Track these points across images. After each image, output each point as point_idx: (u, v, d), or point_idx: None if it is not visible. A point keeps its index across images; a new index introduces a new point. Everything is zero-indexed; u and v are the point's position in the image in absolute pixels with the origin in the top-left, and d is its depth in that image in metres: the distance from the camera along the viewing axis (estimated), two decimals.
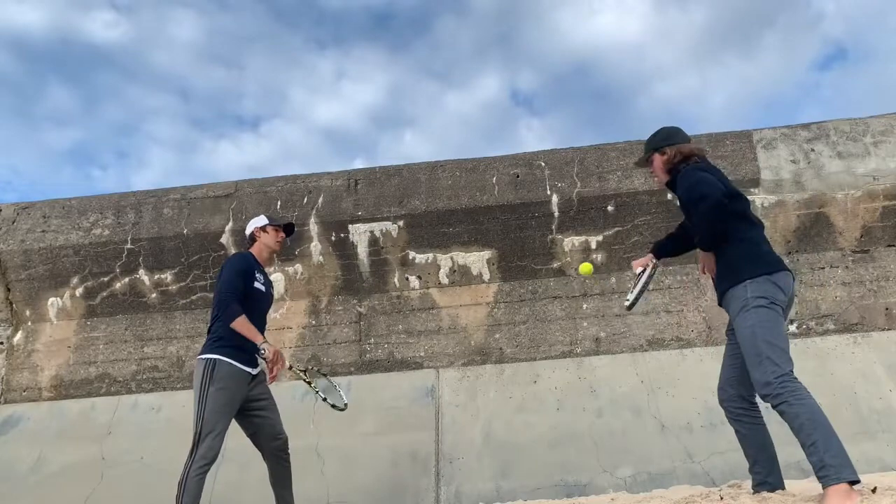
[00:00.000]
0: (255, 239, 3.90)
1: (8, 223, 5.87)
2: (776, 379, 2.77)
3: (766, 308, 2.90)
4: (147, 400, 5.38)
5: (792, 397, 2.74)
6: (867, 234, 5.23)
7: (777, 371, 2.78)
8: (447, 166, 5.66)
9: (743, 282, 2.97)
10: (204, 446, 3.37)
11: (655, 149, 3.31)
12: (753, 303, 2.90)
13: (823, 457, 2.62)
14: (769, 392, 2.78)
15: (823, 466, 2.61)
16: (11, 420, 5.40)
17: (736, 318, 2.97)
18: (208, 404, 3.41)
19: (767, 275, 2.97)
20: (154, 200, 5.83)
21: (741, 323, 2.92)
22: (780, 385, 2.76)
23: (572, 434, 4.71)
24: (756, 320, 2.87)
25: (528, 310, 5.38)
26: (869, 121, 5.42)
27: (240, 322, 3.48)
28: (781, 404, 2.75)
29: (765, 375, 2.79)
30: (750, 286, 2.94)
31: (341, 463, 4.74)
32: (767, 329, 2.87)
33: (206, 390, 3.43)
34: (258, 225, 3.91)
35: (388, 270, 5.54)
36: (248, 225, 3.96)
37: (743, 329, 2.91)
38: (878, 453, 4.30)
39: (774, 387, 2.76)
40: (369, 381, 5.26)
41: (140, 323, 5.67)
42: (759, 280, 2.96)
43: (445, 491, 4.53)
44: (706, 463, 4.35)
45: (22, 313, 5.80)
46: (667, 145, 3.27)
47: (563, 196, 5.41)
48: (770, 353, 2.81)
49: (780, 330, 2.91)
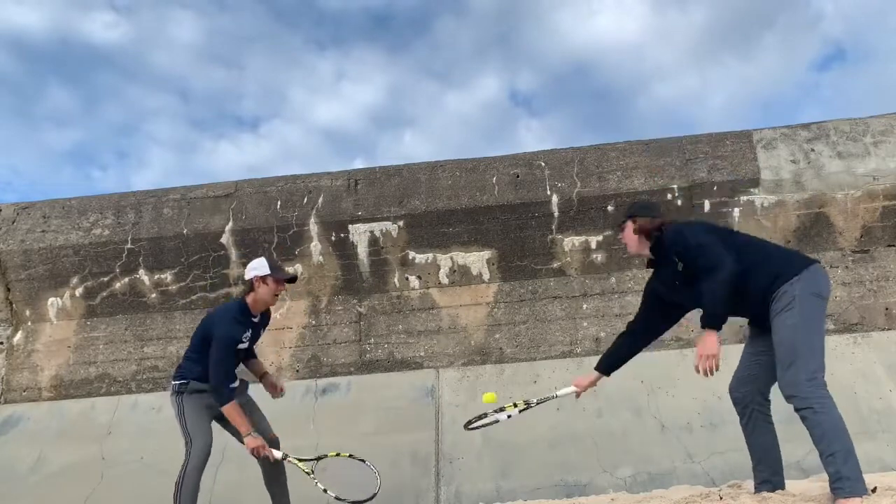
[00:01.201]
0: (252, 287, 3.67)
1: (8, 223, 5.87)
2: (807, 382, 2.74)
3: (814, 304, 2.83)
4: (147, 400, 5.38)
5: (818, 404, 2.71)
6: (867, 234, 5.23)
7: (808, 375, 2.74)
8: (447, 166, 5.66)
9: (789, 280, 2.86)
10: (196, 446, 3.49)
11: (629, 216, 3.26)
12: (801, 300, 2.80)
13: (841, 469, 2.62)
14: (796, 394, 2.74)
15: (840, 479, 2.61)
16: (11, 420, 5.40)
17: (777, 316, 2.86)
18: (186, 410, 3.57)
19: (807, 269, 2.90)
20: (154, 200, 5.83)
21: (784, 320, 2.83)
22: (810, 390, 2.73)
23: (572, 434, 4.71)
24: (800, 319, 2.80)
25: (528, 310, 5.38)
26: (869, 121, 5.42)
27: (229, 409, 3.52)
28: (807, 409, 2.72)
29: (796, 377, 2.75)
30: (797, 284, 2.84)
31: None
32: (809, 329, 2.80)
33: (181, 402, 3.59)
34: (259, 274, 3.65)
35: (388, 270, 5.54)
36: (249, 269, 3.71)
37: (784, 327, 2.83)
38: (878, 453, 4.30)
39: (803, 390, 2.73)
40: (369, 380, 5.26)
41: (140, 323, 5.67)
42: (805, 275, 2.87)
43: (445, 491, 4.53)
44: (706, 463, 4.35)
45: (22, 313, 5.80)
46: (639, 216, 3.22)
47: (563, 196, 5.41)
48: (806, 355, 2.77)
49: (822, 328, 2.85)
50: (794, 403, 2.77)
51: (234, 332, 3.58)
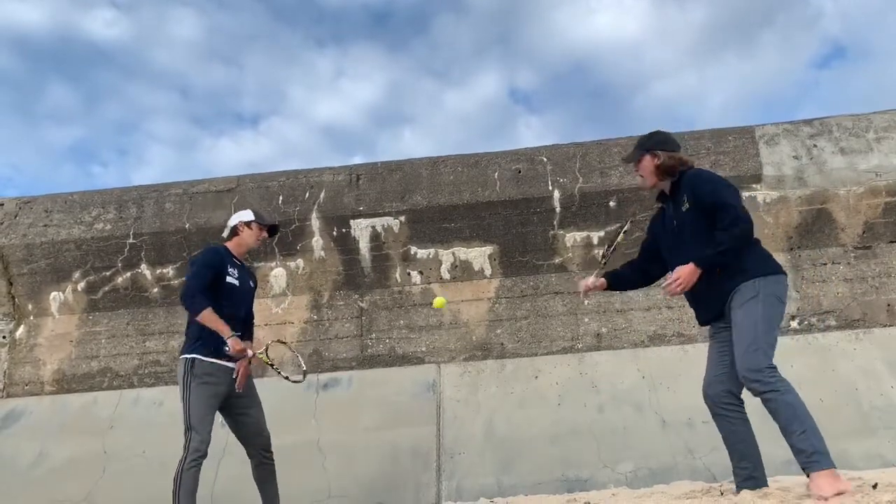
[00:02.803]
0: (236, 233, 3.84)
1: (10, 217, 5.88)
2: (767, 368, 2.81)
3: (775, 306, 2.92)
4: (149, 394, 5.39)
5: (782, 387, 2.79)
6: (869, 230, 5.22)
7: (768, 362, 2.82)
8: (449, 162, 5.66)
9: (755, 278, 2.95)
10: (195, 440, 3.44)
11: (647, 150, 3.26)
12: (765, 298, 2.90)
13: (814, 443, 2.68)
14: (759, 379, 2.80)
15: (815, 452, 2.67)
16: (13, 414, 5.41)
17: (740, 307, 2.93)
18: (192, 399, 3.49)
19: (777, 274, 2.99)
20: (156, 195, 5.83)
21: (747, 311, 2.90)
22: (771, 375, 2.80)
23: (573, 429, 4.71)
24: (763, 313, 2.88)
25: (529, 305, 5.38)
26: (872, 117, 5.40)
27: (206, 315, 3.50)
28: (771, 392, 2.78)
29: (756, 363, 2.81)
30: (762, 282, 2.93)
31: (342, 458, 4.75)
32: (770, 325, 2.89)
33: (189, 386, 3.51)
34: (243, 219, 3.85)
35: (390, 265, 5.54)
36: (233, 217, 3.92)
37: (746, 317, 2.89)
38: (879, 450, 4.30)
39: (765, 375, 2.80)
40: (371, 376, 5.27)
41: (142, 317, 5.68)
42: (772, 278, 2.96)
43: (447, 486, 4.53)
44: (707, 458, 4.35)
45: (24, 307, 5.80)
46: (661, 150, 3.22)
47: (564, 191, 5.40)
48: (766, 345, 2.85)
49: (777, 331, 2.95)
50: (756, 387, 2.82)
51: (216, 257, 3.68)
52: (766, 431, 3.73)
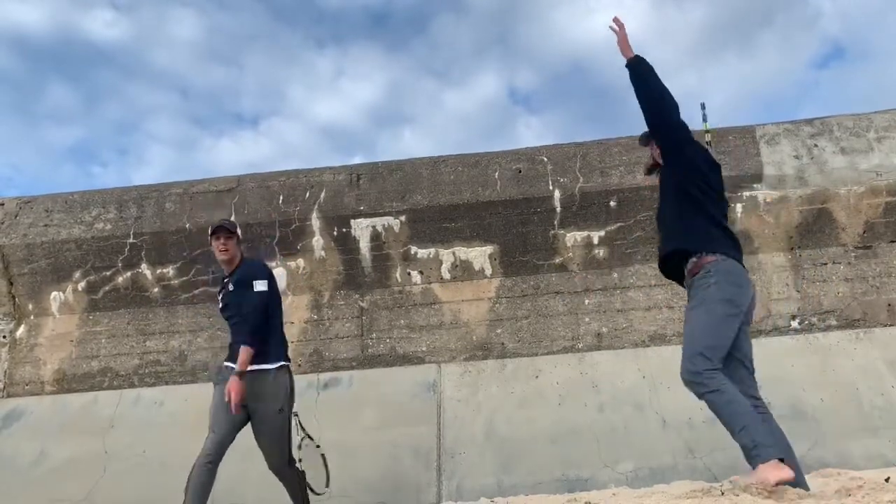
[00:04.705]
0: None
1: (10, 217, 5.88)
2: (706, 371, 2.87)
3: (727, 310, 2.96)
4: (149, 394, 5.39)
5: (722, 387, 2.84)
6: (870, 229, 5.22)
7: (709, 364, 2.87)
8: (449, 161, 5.66)
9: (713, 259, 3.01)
10: (207, 442, 3.54)
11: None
12: (716, 301, 2.95)
13: (755, 437, 2.74)
14: (698, 381, 2.86)
15: (757, 445, 2.72)
16: (14, 414, 5.41)
17: (695, 304, 3.02)
18: (213, 402, 3.66)
19: (735, 259, 3.05)
20: (156, 195, 5.83)
21: (698, 310, 2.98)
22: (709, 377, 2.86)
23: (574, 429, 4.71)
24: (712, 317, 2.94)
25: (529, 305, 5.38)
26: (872, 116, 5.40)
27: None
28: (710, 393, 2.84)
29: (695, 365, 2.87)
30: (718, 279, 2.97)
31: (343, 457, 4.74)
32: (718, 326, 2.94)
33: (214, 389, 3.70)
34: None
35: (390, 265, 5.54)
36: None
37: (696, 315, 2.98)
38: (879, 449, 4.30)
39: (704, 377, 2.86)
40: (371, 375, 5.27)
41: (142, 317, 5.68)
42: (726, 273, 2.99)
43: (447, 485, 4.53)
44: (707, 458, 4.35)
45: (24, 307, 5.80)
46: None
47: (565, 191, 5.40)
48: (710, 346, 2.90)
49: (730, 334, 2.96)
50: (696, 389, 2.88)
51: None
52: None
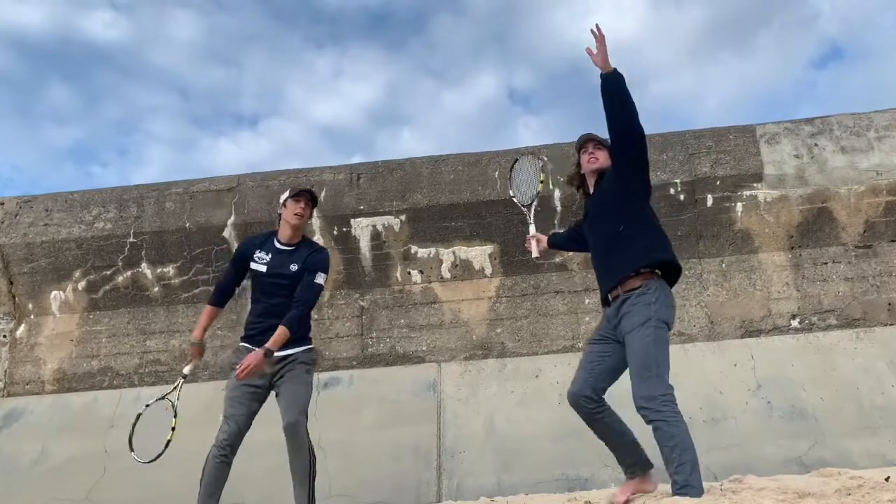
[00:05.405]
0: (280, 216, 3.86)
1: (10, 217, 5.88)
2: (661, 396, 2.93)
3: (664, 331, 3.06)
4: (150, 393, 5.37)
5: (672, 419, 2.91)
6: (870, 229, 5.22)
7: (664, 389, 2.94)
8: (449, 160, 5.66)
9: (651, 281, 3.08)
10: (220, 430, 3.48)
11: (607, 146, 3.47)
12: (656, 323, 3.02)
13: (689, 479, 2.86)
14: (652, 407, 2.92)
15: (687, 485, 2.85)
16: (14, 413, 5.41)
17: (633, 330, 3.05)
18: (226, 391, 3.57)
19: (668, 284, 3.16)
20: (156, 194, 5.83)
21: (640, 334, 3.02)
22: (664, 403, 2.92)
23: (574, 428, 4.69)
24: (655, 337, 3.00)
25: (529, 304, 5.38)
26: (872, 115, 5.40)
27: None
28: (661, 422, 2.90)
29: (651, 390, 2.93)
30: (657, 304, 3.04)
31: (343, 456, 4.75)
32: (662, 349, 3.01)
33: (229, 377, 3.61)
34: (281, 201, 3.90)
35: (391, 265, 5.54)
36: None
37: (640, 340, 3.01)
38: (880, 448, 4.30)
39: (659, 403, 2.92)
40: (371, 374, 5.27)
41: (142, 316, 5.68)
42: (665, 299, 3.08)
43: (447, 484, 4.53)
44: (707, 457, 4.35)
45: (25, 307, 5.81)
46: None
47: (565, 190, 5.40)
48: (661, 371, 2.97)
49: (668, 353, 3.05)
50: (648, 415, 2.95)
51: (242, 244, 3.86)
52: (765, 432, 3.74)
